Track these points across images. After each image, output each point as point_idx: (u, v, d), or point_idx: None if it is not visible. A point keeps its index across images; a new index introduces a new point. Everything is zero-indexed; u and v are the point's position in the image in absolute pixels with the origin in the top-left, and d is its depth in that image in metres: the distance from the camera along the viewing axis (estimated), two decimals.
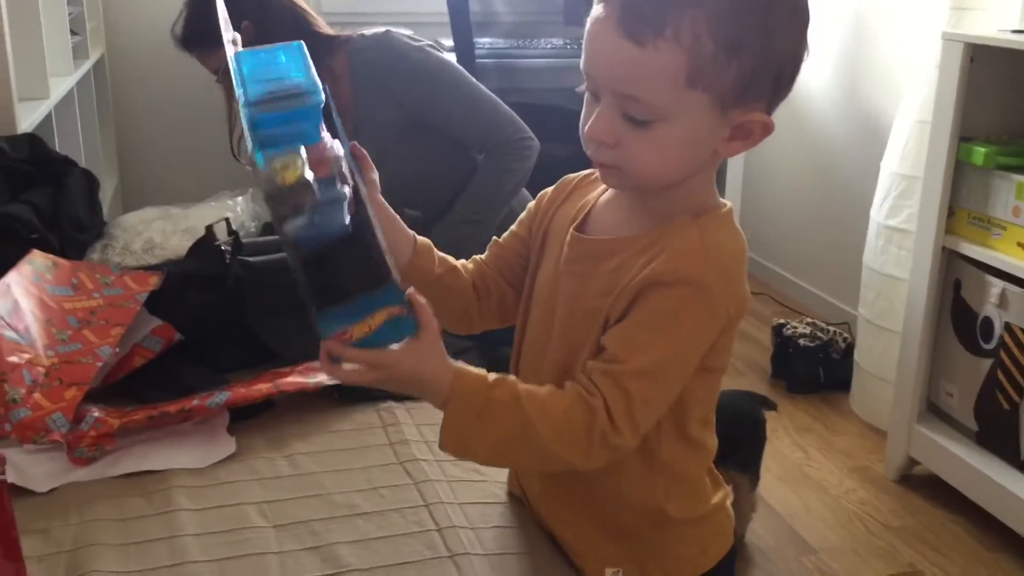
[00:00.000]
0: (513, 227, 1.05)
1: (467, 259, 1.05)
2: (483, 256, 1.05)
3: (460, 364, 0.85)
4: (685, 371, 0.87)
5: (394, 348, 0.80)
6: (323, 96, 0.80)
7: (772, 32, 0.81)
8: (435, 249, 1.01)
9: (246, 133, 0.79)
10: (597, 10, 0.83)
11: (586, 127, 0.86)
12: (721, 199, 0.93)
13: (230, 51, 0.86)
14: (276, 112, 0.78)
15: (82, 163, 2.31)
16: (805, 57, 0.86)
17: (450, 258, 1.03)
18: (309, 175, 0.75)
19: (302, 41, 0.84)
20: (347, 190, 0.79)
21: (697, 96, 0.81)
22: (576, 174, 1.02)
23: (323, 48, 1.91)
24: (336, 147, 0.80)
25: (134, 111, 3.19)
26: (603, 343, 0.86)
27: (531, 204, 1.03)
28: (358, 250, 0.79)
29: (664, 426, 0.92)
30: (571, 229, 0.95)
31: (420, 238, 1.00)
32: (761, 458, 2.03)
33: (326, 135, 0.81)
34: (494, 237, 1.06)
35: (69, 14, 2.38)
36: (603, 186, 0.98)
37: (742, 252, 0.89)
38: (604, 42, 0.82)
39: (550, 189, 1.03)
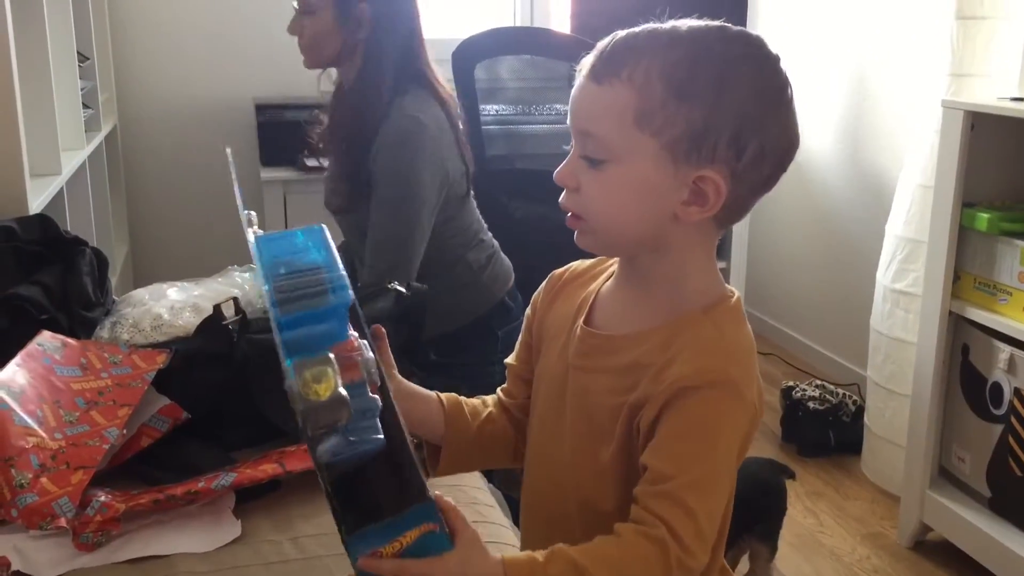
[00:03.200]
0: (520, 337, 1.05)
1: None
2: (504, 385, 1.07)
3: (505, 554, 0.81)
4: (731, 472, 0.86)
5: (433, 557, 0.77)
6: (350, 293, 0.78)
7: (727, 88, 0.83)
8: (463, 401, 1.04)
9: (274, 329, 0.76)
10: (581, 65, 0.89)
11: (555, 173, 0.89)
12: (728, 287, 0.92)
13: (250, 235, 0.85)
14: (301, 312, 0.75)
15: (93, 235, 2.34)
16: (784, 140, 0.86)
17: (477, 401, 1.05)
18: (343, 389, 0.70)
19: (324, 225, 0.84)
20: (379, 400, 0.73)
21: (646, 139, 0.84)
22: (563, 268, 1.03)
23: (390, 93, 1.83)
24: (365, 347, 0.75)
25: (146, 181, 3.24)
26: (644, 463, 0.84)
27: (528, 310, 1.04)
28: (391, 467, 0.74)
29: None
30: (579, 322, 0.94)
31: (446, 397, 1.02)
32: (780, 528, 2.01)
33: (353, 332, 0.76)
34: (507, 360, 1.07)
35: (82, 88, 2.43)
36: (603, 277, 0.98)
37: (753, 347, 0.90)
38: (576, 90, 0.88)
39: (541, 288, 1.04)
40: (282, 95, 3.08)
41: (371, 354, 0.75)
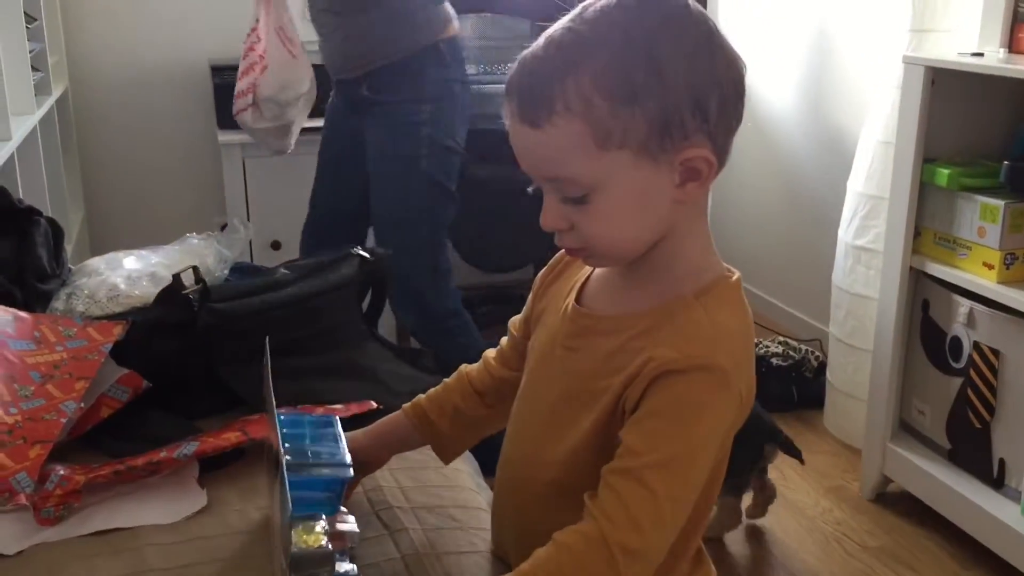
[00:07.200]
0: (522, 311, 1.05)
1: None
2: (495, 350, 1.09)
3: None
4: (707, 463, 0.83)
5: None
6: (351, 472, 0.97)
7: (664, 67, 0.78)
8: (426, 408, 1.08)
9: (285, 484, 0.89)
10: (505, 107, 0.83)
11: (540, 220, 0.85)
12: (727, 267, 0.89)
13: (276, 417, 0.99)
14: (309, 477, 0.94)
15: (46, 202, 2.29)
16: (734, 73, 0.83)
17: (442, 394, 1.10)
18: (329, 545, 0.85)
19: (337, 418, 1.06)
20: (356, 568, 0.90)
21: (615, 155, 0.79)
22: None
23: None
24: (351, 522, 0.94)
25: (99, 147, 3.17)
26: (621, 436, 0.83)
27: (535, 283, 1.03)
28: None
29: None
30: (571, 300, 0.93)
31: (408, 415, 1.09)
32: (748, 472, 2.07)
33: (343, 508, 0.96)
34: (510, 321, 1.07)
35: (31, 51, 2.36)
36: None
37: (749, 333, 0.87)
38: (515, 135, 0.83)
39: (545, 268, 1.02)
40: (238, 56, 3.02)
41: (356, 528, 0.94)
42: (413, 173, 2.13)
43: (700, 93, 0.80)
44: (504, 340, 1.08)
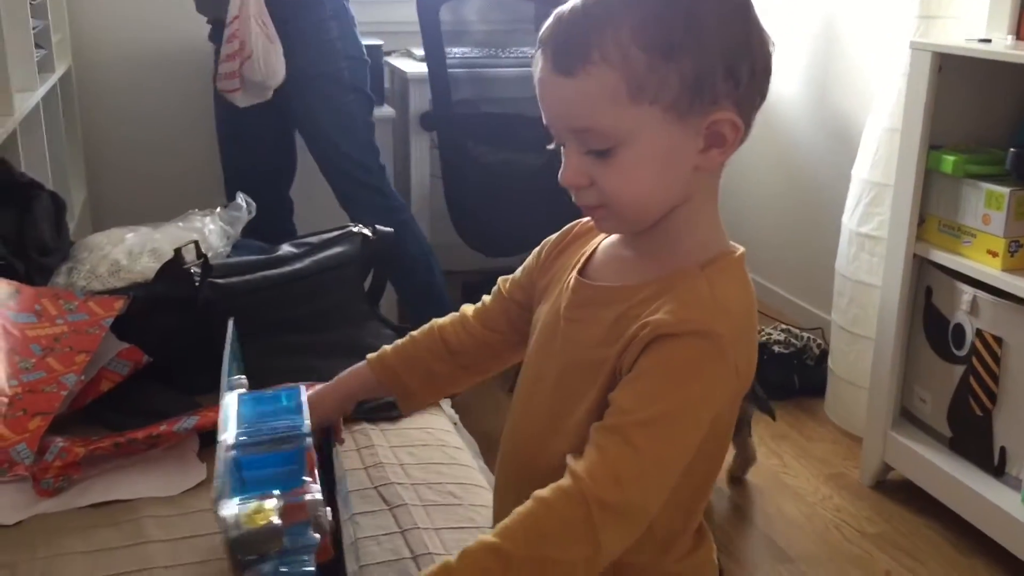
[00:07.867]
0: (517, 274, 1.04)
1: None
2: (473, 307, 1.06)
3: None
4: (696, 429, 0.81)
5: None
6: (310, 441, 0.90)
7: (703, 27, 0.80)
8: (394, 364, 1.06)
9: (220, 475, 0.83)
10: (537, 59, 0.84)
11: (559, 177, 0.85)
12: (732, 243, 0.89)
13: (232, 395, 0.96)
14: (268, 454, 0.88)
15: (48, 179, 2.28)
16: (764, 48, 0.84)
17: (409, 346, 1.07)
18: (278, 521, 0.80)
19: (302, 387, 1.00)
20: (318, 537, 0.82)
21: (646, 110, 0.80)
22: (581, 219, 0.99)
23: None
24: (315, 491, 0.85)
25: (102, 124, 3.16)
26: (610, 397, 0.82)
27: (536, 250, 1.02)
28: None
29: None
30: (574, 273, 0.92)
31: (375, 370, 1.07)
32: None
33: (307, 477, 0.87)
34: (500, 279, 1.05)
35: (34, 28, 2.35)
36: None
37: (751, 307, 0.86)
38: (546, 85, 0.83)
39: (554, 236, 1.01)
40: None
41: (319, 496, 0.85)
42: (340, 87, 2.30)
43: (733, 58, 0.81)
44: (487, 298, 1.06)
